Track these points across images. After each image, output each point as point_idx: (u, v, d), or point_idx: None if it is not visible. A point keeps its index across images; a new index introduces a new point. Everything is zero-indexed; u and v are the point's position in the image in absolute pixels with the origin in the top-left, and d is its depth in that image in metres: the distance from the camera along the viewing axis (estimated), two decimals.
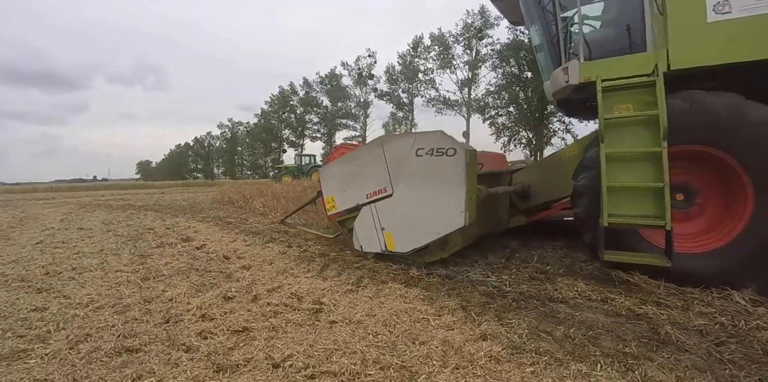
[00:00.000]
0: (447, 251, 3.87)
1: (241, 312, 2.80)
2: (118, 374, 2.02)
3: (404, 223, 3.81)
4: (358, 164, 4.16)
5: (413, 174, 3.69)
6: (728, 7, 3.11)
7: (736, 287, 2.93)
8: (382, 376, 1.93)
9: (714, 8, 3.15)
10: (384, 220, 3.96)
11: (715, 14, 3.16)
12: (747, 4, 3.04)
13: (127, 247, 5.24)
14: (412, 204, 3.72)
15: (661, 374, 1.91)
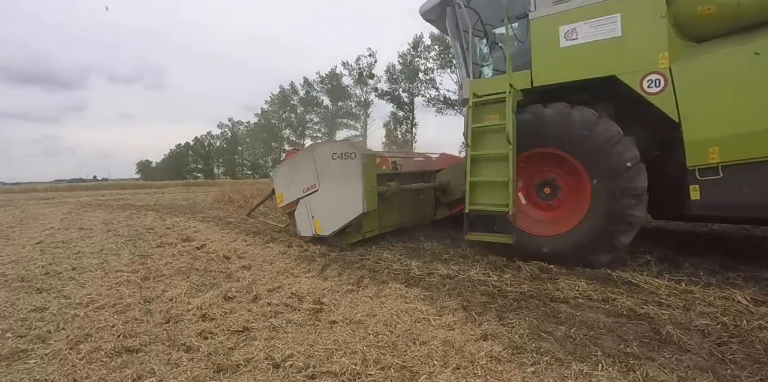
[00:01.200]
0: (362, 235, 4.79)
1: (241, 312, 2.80)
2: (119, 374, 2.01)
3: (326, 211, 4.74)
4: (297, 166, 5.09)
5: (331, 173, 4.64)
6: (575, 35, 3.85)
7: (737, 287, 2.98)
8: (382, 376, 1.93)
9: (565, 36, 3.90)
10: (314, 210, 4.89)
11: (566, 41, 3.89)
12: (588, 32, 3.78)
13: (128, 247, 5.24)
14: (331, 196, 4.65)
15: (662, 374, 1.91)
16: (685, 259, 3.91)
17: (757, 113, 3.13)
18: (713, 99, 3.33)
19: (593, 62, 3.79)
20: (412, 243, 5.04)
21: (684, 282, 3.19)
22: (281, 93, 58.01)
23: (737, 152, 3.22)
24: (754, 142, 3.13)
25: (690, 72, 3.39)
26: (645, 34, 3.56)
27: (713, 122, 3.32)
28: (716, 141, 3.28)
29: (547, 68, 4.03)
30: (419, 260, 4.22)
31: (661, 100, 3.49)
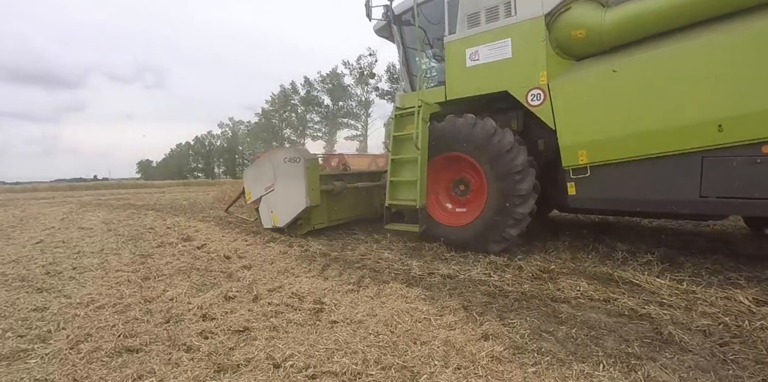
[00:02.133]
0: (312, 226, 5.59)
1: (241, 312, 2.79)
2: (119, 374, 2.01)
3: (281, 206, 5.57)
4: (260, 168, 5.92)
5: (284, 174, 5.46)
6: (478, 56, 4.49)
7: (739, 287, 2.98)
8: (383, 376, 1.93)
9: (470, 57, 4.54)
10: (272, 205, 5.73)
11: (471, 61, 4.53)
12: (487, 54, 4.41)
13: (128, 246, 5.24)
14: (284, 194, 5.45)
15: (663, 375, 1.90)
16: (687, 259, 3.90)
17: (616, 122, 3.66)
18: (580, 110, 3.86)
19: (491, 79, 4.44)
20: (413, 243, 5.04)
21: (685, 282, 3.18)
22: (282, 93, 58.01)
23: (600, 155, 3.77)
24: (614, 147, 3.69)
25: (562, 87, 3.95)
26: (529, 55, 4.14)
27: (581, 129, 3.88)
28: (584, 145, 3.85)
29: (456, 84, 4.76)
30: (420, 259, 4.22)
31: (541, 111, 4.09)
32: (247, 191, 6.16)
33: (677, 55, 3.35)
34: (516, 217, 4.10)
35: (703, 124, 3.23)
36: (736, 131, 3.11)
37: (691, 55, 3.29)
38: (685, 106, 3.32)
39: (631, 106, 3.57)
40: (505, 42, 4.28)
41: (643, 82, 3.50)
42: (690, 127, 3.30)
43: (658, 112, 3.44)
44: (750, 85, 3.04)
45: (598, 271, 3.57)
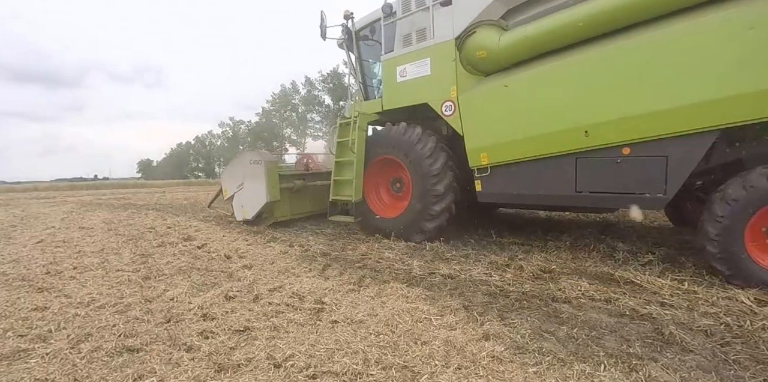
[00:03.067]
0: (275, 218, 6.44)
1: (242, 312, 2.79)
2: (119, 373, 2.01)
3: (248, 202, 6.38)
4: (233, 169, 6.83)
5: (250, 175, 6.24)
6: (406, 73, 5.22)
7: (740, 287, 2.99)
8: (383, 376, 1.92)
9: (400, 73, 5.28)
10: (242, 201, 6.56)
11: (400, 77, 5.28)
12: (412, 71, 5.15)
13: (128, 246, 5.23)
14: (251, 191, 6.29)
15: (665, 375, 1.90)
16: (688, 259, 3.90)
17: (509, 128, 4.29)
18: (482, 118, 4.54)
19: (415, 93, 5.17)
20: (414, 242, 5.03)
21: (687, 282, 3.18)
22: (282, 92, 57.99)
23: (498, 156, 4.42)
24: (508, 149, 4.33)
25: (468, 99, 4.62)
26: (443, 72, 4.82)
27: (482, 135, 4.54)
28: (485, 149, 4.51)
29: (390, 97, 5.54)
30: (421, 259, 4.21)
31: (452, 120, 4.79)
32: (224, 189, 7.07)
33: (553, 73, 3.95)
34: (432, 213, 4.88)
35: (574, 130, 3.83)
36: (600, 136, 3.71)
37: (563, 73, 3.88)
38: (560, 115, 3.93)
39: (520, 115, 4.20)
40: (425, 61, 5.02)
41: (528, 94, 4.12)
42: (564, 133, 3.91)
43: (540, 121, 4.05)
44: (608, 97, 3.63)
45: (599, 271, 3.57)
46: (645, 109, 3.46)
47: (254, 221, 6.46)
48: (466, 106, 4.63)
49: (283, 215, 6.56)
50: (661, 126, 3.40)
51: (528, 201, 4.51)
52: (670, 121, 3.36)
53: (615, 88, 3.59)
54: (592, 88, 3.71)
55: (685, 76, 3.27)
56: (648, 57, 3.41)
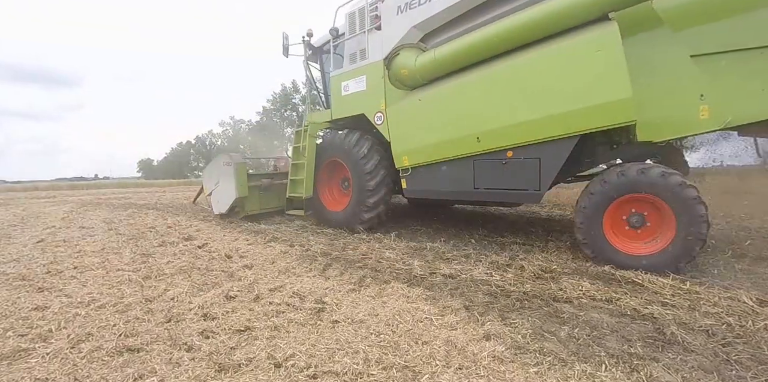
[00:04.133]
0: (246, 212, 7.28)
1: (243, 311, 2.79)
2: (120, 373, 2.01)
3: (222, 198, 7.33)
4: (211, 169, 7.79)
5: (223, 174, 7.15)
6: (348, 88, 6.04)
7: (742, 287, 3.00)
8: (384, 376, 1.92)
9: (343, 88, 6.10)
10: (219, 197, 7.49)
11: (344, 91, 6.10)
12: (352, 86, 5.96)
13: (129, 246, 5.23)
14: (224, 188, 7.19)
15: (666, 375, 1.89)
16: None
17: (423, 135, 5.08)
18: (403, 127, 5.34)
19: (355, 105, 5.96)
20: (415, 242, 5.03)
21: (688, 282, 3.17)
22: (283, 91, 57.91)
23: (416, 159, 5.21)
24: (423, 153, 5.12)
25: (393, 111, 5.42)
26: (375, 87, 5.61)
27: (404, 141, 5.34)
28: (406, 152, 5.32)
29: (337, 108, 6.34)
30: (422, 259, 4.21)
31: (382, 129, 5.58)
32: (205, 186, 8.20)
33: (453, 89, 4.72)
34: (368, 205, 5.68)
35: (469, 137, 4.57)
36: (489, 142, 4.42)
37: (460, 89, 4.65)
38: (459, 124, 4.67)
39: (431, 125, 4.98)
40: (362, 78, 5.81)
41: (436, 107, 4.90)
42: (462, 139, 4.64)
43: (445, 129, 4.82)
44: (494, 109, 4.33)
45: (600, 270, 3.56)
46: (522, 118, 4.13)
47: (229, 215, 7.43)
48: (392, 116, 5.43)
49: (253, 209, 7.43)
50: (534, 133, 4.07)
51: (442, 196, 5.24)
52: (541, 128, 4.01)
53: (499, 101, 4.31)
54: (482, 102, 4.44)
55: (550, 91, 3.92)
56: (522, 76, 4.11)
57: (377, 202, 5.65)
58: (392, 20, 5.24)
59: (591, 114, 3.70)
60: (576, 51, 3.75)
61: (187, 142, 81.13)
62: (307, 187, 6.43)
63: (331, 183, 6.64)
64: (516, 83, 4.14)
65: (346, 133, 6.04)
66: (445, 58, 4.63)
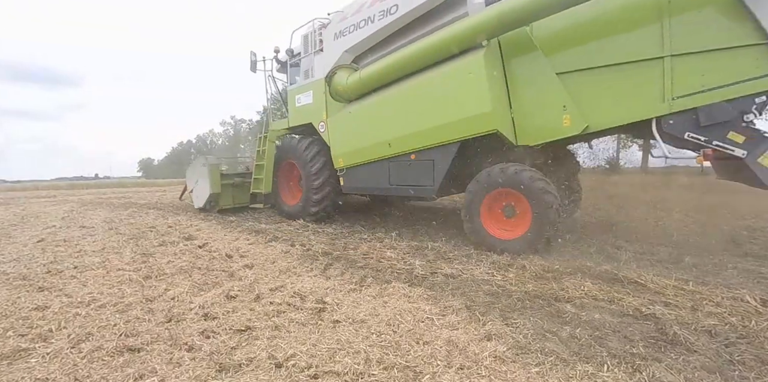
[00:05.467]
0: (221, 206, 8.42)
1: (243, 311, 2.78)
2: (120, 373, 2.00)
3: (200, 194, 8.49)
4: (192, 169, 8.85)
5: (201, 174, 8.30)
6: (300, 100, 7.13)
7: (745, 287, 2.98)
8: (385, 376, 1.91)
9: (297, 100, 7.20)
10: (198, 193, 8.61)
11: (297, 103, 7.21)
12: (303, 100, 7.04)
13: (129, 245, 5.23)
14: (201, 186, 8.38)
15: (669, 376, 1.88)
16: (692, 258, 3.88)
17: (352, 141, 6.07)
18: (338, 134, 6.34)
19: (305, 116, 7.06)
20: (416, 242, 5.02)
21: (691, 282, 3.15)
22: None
23: (348, 160, 6.15)
24: (353, 156, 6.07)
25: (332, 120, 6.42)
26: (319, 101, 6.64)
27: (339, 145, 6.31)
28: (341, 155, 6.26)
29: (292, 118, 7.45)
30: (423, 259, 4.20)
31: (324, 135, 6.60)
32: (188, 185, 9.26)
33: (371, 103, 5.71)
34: (314, 200, 6.68)
35: (383, 143, 5.53)
36: (397, 147, 5.37)
37: (376, 103, 5.65)
38: (375, 132, 5.65)
39: (357, 132, 5.96)
40: (310, 92, 6.89)
41: (360, 118, 5.91)
42: (378, 145, 5.61)
43: (366, 136, 5.79)
44: (399, 120, 5.30)
45: (602, 270, 3.54)
46: (419, 128, 5.05)
47: (206, 209, 8.52)
48: (331, 125, 6.45)
49: (227, 203, 8.55)
50: (428, 139, 4.97)
51: (368, 191, 6.44)
52: (432, 136, 4.92)
53: (403, 113, 5.25)
54: (392, 114, 5.40)
55: (437, 105, 4.81)
56: (419, 93, 5.04)
57: (322, 198, 6.63)
58: (331, 45, 6.34)
59: (464, 124, 4.57)
60: (455, 73, 4.63)
61: (187, 142, 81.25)
62: (266, 184, 7.71)
63: (290, 181, 7.70)
64: (415, 99, 5.08)
65: (299, 139, 7.13)
66: (368, 78, 5.56)
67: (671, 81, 3.73)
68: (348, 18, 6.04)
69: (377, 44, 5.82)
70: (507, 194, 4.35)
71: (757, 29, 3.40)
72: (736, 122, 3.57)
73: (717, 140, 3.64)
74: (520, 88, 4.48)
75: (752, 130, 3.57)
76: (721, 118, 3.58)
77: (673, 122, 3.78)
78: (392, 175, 5.56)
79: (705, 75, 3.62)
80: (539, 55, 4.29)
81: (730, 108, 3.55)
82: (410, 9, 5.10)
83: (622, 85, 3.98)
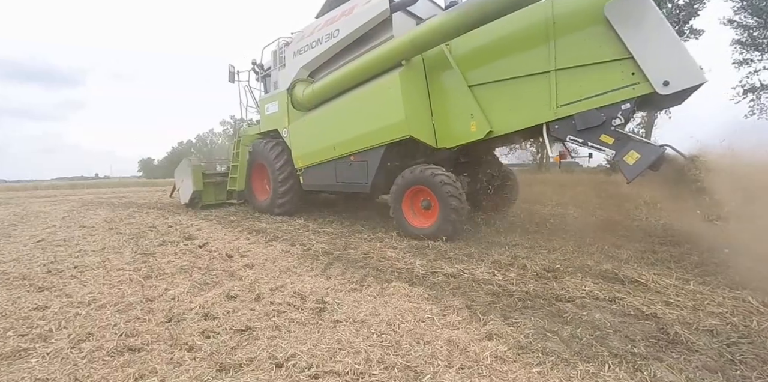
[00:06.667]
0: (203, 202, 9.26)
1: (244, 311, 2.78)
2: (120, 373, 2.00)
3: (185, 192, 9.37)
4: (180, 169, 9.78)
5: (186, 173, 9.27)
6: (269, 109, 8.11)
7: (747, 287, 2.99)
8: (386, 376, 1.91)
9: (267, 109, 8.20)
10: (183, 191, 9.52)
11: (267, 111, 8.20)
12: (271, 108, 8.05)
13: (129, 245, 5.23)
14: (186, 185, 9.32)
15: (670, 375, 1.88)
16: (694, 258, 3.87)
17: (307, 145, 7.00)
18: (297, 138, 7.27)
19: (272, 123, 8.07)
20: (417, 241, 5.02)
21: (692, 282, 3.16)
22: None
23: (305, 161, 7.04)
24: (308, 157, 6.96)
25: (293, 127, 7.38)
26: (283, 110, 7.67)
27: (297, 148, 7.22)
28: (299, 157, 7.15)
29: (263, 124, 8.50)
30: (423, 258, 4.20)
31: (287, 140, 7.57)
32: (176, 183, 10.21)
33: (321, 112, 6.68)
34: (279, 193, 7.54)
35: (329, 146, 6.42)
36: (340, 149, 6.25)
37: (324, 113, 6.60)
38: (323, 137, 6.55)
39: (311, 137, 6.88)
40: (276, 103, 7.91)
41: (313, 124, 6.85)
42: (326, 148, 6.49)
43: (318, 140, 6.69)
44: (341, 127, 6.21)
45: (603, 270, 3.54)
46: (354, 134, 5.96)
47: (191, 204, 9.37)
48: (292, 131, 7.40)
49: (209, 200, 9.41)
50: (362, 143, 5.86)
51: (322, 188, 7.17)
52: (364, 140, 5.81)
53: (344, 121, 6.17)
54: (336, 122, 6.34)
55: (367, 115, 5.73)
56: (355, 104, 6.00)
57: (285, 193, 7.54)
58: (291, 61, 7.36)
59: (386, 131, 5.45)
60: (379, 88, 5.57)
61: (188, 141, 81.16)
62: (240, 182, 8.84)
63: (262, 180, 8.49)
64: (353, 109, 6.03)
65: (266, 142, 7.99)
66: (319, 91, 6.54)
67: (555, 91, 4.40)
68: (305, 38, 7.03)
69: (327, 61, 6.79)
70: (421, 190, 5.22)
71: (622, 47, 3.96)
72: (606, 127, 4.15)
73: (591, 142, 4.27)
74: (440, 99, 5.38)
75: (619, 134, 4.11)
76: (593, 123, 4.18)
77: (558, 127, 4.45)
78: (338, 174, 6.44)
79: (582, 86, 4.25)
80: (455, 71, 5.13)
81: (600, 114, 4.14)
82: (348, 33, 6.08)
83: (519, 95, 4.69)
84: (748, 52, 23.16)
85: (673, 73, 3.79)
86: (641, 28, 3.91)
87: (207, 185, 9.22)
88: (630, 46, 3.92)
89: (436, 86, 5.40)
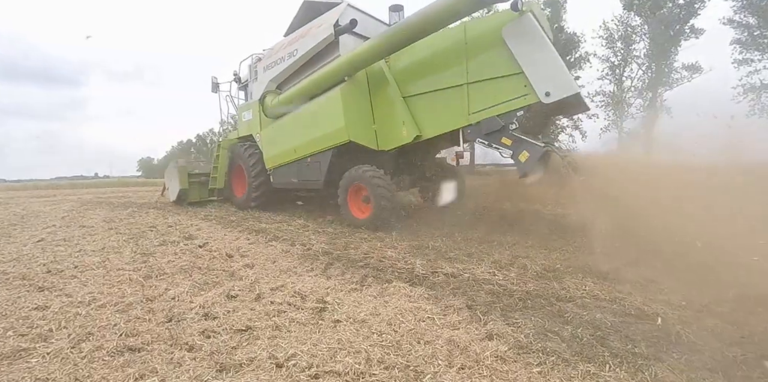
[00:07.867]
0: (190, 199, 10.02)
1: (244, 311, 2.78)
2: (121, 373, 1.99)
3: (173, 190, 10.26)
4: (169, 170, 10.72)
5: (173, 173, 10.26)
6: (246, 116, 9.10)
7: None
8: (386, 376, 1.91)
9: (243, 116, 9.18)
10: (172, 188, 10.39)
11: (244, 118, 9.18)
12: (247, 116, 9.04)
13: (129, 245, 5.22)
14: (174, 184, 10.21)
15: (671, 375, 1.88)
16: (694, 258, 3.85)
17: (274, 148, 7.88)
18: (267, 142, 8.13)
19: (248, 128, 8.93)
20: (417, 241, 5.01)
21: (692, 281, 3.14)
22: None
23: (273, 162, 7.89)
24: (275, 159, 7.84)
25: (264, 132, 8.25)
26: (256, 117, 8.51)
27: (267, 151, 8.07)
28: (269, 158, 8.00)
29: (240, 130, 9.41)
30: (423, 258, 4.19)
31: (259, 144, 8.44)
32: (166, 182, 11.18)
33: (285, 119, 7.56)
34: (253, 193, 8.37)
35: (291, 149, 7.36)
36: (299, 152, 7.19)
37: (287, 120, 7.49)
38: (286, 141, 7.49)
39: (278, 141, 7.76)
40: (251, 111, 8.79)
41: (279, 130, 7.73)
42: (288, 151, 7.43)
43: (282, 144, 7.61)
44: (300, 132, 7.13)
45: (603, 270, 3.54)
46: (310, 138, 6.90)
47: (178, 202, 10.17)
48: (263, 136, 8.27)
49: (194, 198, 10.15)
50: (315, 147, 6.85)
51: (288, 186, 7.84)
52: (316, 144, 6.80)
53: (301, 128, 7.11)
54: (296, 128, 7.27)
55: (318, 122, 6.69)
56: (309, 113, 6.95)
57: (257, 188, 8.31)
58: (262, 75, 8.34)
59: (330, 136, 6.46)
60: (325, 100, 6.59)
61: (188, 141, 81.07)
62: (219, 181, 9.68)
63: (239, 179, 9.24)
64: (308, 117, 6.96)
65: (241, 144, 8.95)
66: (284, 101, 7.42)
67: (468, 101, 5.29)
68: (273, 55, 8.06)
69: (290, 76, 7.81)
70: (360, 187, 6.08)
71: (515, 63, 4.75)
72: (505, 131, 5.02)
73: (495, 144, 5.12)
74: (381, 107, 6.35)
75: (516, 137, 4.99)
76: (495, 127, 5.05)
77: (470, 131, 5.35)
78: (298, 173, 7.42)
79: (487, 97, 5.12)
80: (392, 84, 6.09)
81: (500, 120, 5.00)
82: (304, 52, 7.13)
83: (441, 105, 5.62)
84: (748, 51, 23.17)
85: (552, 85, 4.55)
86: (528, 47, 4.68)
87: (192, 184, 10.01)
88: (521, 62, 4.72)
89: (378, 97, 6.37)
